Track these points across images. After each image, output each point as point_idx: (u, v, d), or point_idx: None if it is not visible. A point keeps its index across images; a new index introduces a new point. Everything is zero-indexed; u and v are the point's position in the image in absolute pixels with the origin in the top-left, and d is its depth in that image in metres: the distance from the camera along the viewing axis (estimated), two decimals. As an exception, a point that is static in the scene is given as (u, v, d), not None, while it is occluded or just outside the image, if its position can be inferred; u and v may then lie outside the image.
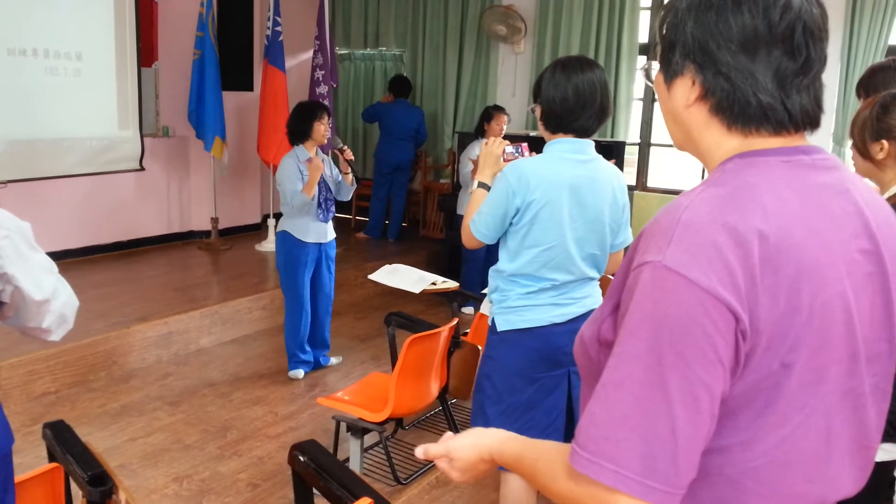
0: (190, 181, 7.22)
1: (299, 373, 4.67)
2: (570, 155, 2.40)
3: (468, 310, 5.76)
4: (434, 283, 4.18)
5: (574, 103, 2.33)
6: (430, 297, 5.32)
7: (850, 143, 2.12)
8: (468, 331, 3.91)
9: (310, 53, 7.55)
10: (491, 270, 2.54)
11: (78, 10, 5.89)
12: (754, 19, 0.96)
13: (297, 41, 7.83)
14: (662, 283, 0.90)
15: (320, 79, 7.06)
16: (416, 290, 4.12)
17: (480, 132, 5.89)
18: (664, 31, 1.05)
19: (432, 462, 1.26)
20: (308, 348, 4.68)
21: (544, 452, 1.05)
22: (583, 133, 2.40)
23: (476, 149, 5.85)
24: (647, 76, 1.13)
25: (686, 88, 1.02)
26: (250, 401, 4.35)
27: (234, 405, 4.28)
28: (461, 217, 5.93)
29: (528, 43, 7.28)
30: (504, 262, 2.48)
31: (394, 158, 7.41)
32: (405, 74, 7.99)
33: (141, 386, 4.49)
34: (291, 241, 4.43)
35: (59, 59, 5.83)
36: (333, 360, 4.87)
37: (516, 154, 2.53)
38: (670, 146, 6.71)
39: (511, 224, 2.41)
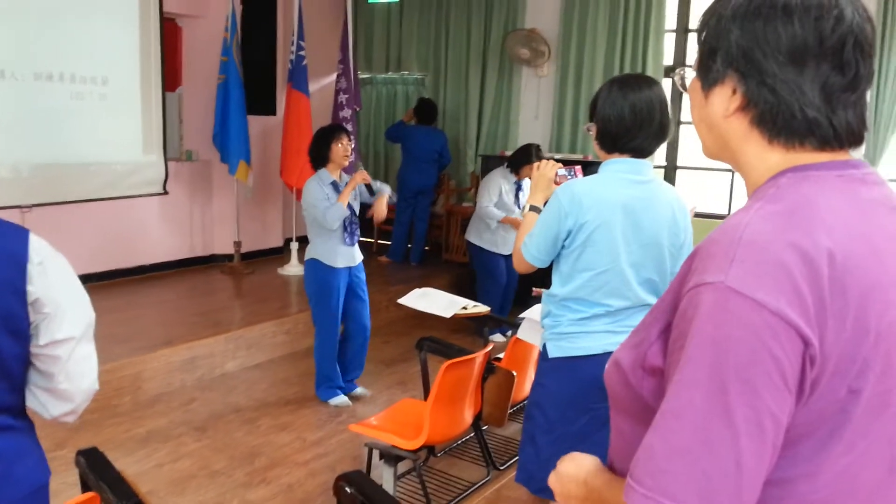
0: (213, 205, 7.21)
1: (344, 399, 4.59)
2: (626, 175, 2.32)
3: (495, 337, 5.69)
4: (465, 308, 4.12)
5: (631, 122, 2.26)
6: (454, 322, 5.25)
7: (882, 162, 2.07)
8: (501, 356, 3.84)
9: (333, 77, 7.57)
10: (544, 295, 2.47)
11: (103, 35, 5.92)
12: (805, 30, 0.91)
13: (321, 65, 7.85)
14: (725, 304, 0.84)
15: (344, 102, 7.06)
16: (447, 314, 4.06)
17: (514, 166, 5.71)
18: (704, 36, 1.00)
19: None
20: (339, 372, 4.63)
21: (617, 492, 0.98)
22: (639, 153, 2.32)
23: (497, 177, 5.79)
24: (682, 84, 1.08)
25: (726, 97, 0.97)
26: (277, 426, 4.28)
27: (261, 431, 4.22)
28: (469, 243, 5.93)
29: (552, 66, 7.27)
30: (556, 286, 2.40)
31: (417, 182, 7.37)
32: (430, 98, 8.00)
33: (166, 411, 4.43)
34: (322, 268, 4.38)
35: (85, 83, 5.84)
36: (360, 391, 4.75)
37: (569, 177, 2.47)
38: (697, 168, 6.70)
39: (563, 247, 2.34)
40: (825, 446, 0.88)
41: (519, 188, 5.77)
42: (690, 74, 1.05)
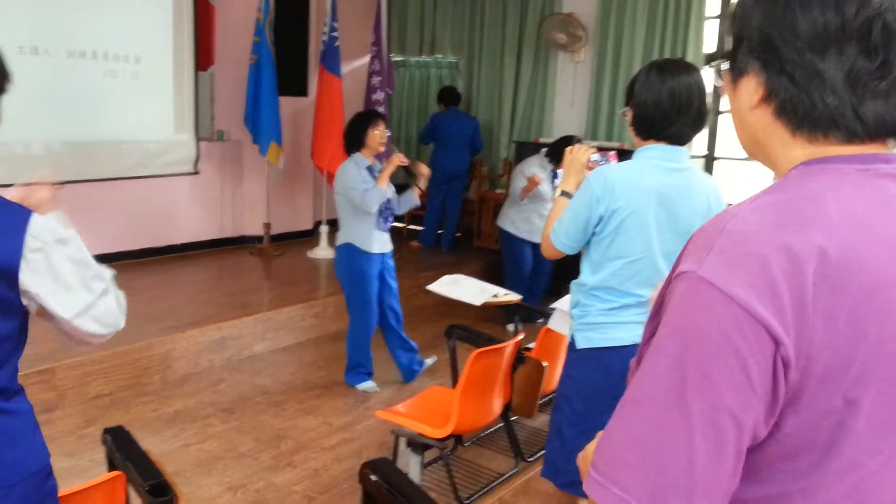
0: (243, 186, 7.20)
1: (372, 385, 4.57)
2: (661, 162, 2.25)
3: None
4: (496, 296, 4.06)
5: (668, 108, 2.18)
6: (482, 311, 5.19)
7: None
8: (532, 346, 3.77)
9: (365, 59, 7.51)
10: (573, 284, 2.41)
11: (137, 14, 5.91)
12: (825, 14, 0.84)
13: (354, 47, 7.78)
14: (696, 295, 0.80)
15: (377, 85, 6.99)
16: (478, 302, 4.00)
17: (554, 156, 5.56)
18: (733, 26, 0.95)
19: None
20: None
21: None
22: (676, 141, 2.25)
23: (533, 165, 5.69)
24: (718, 75, 1.02)
25: (750, 88, 0.92)
26: (304, 410, 4.26)
27: (287, 414, 4.19)
28: (505, 231, 5.85)
29: (589, 52, 7.14)
30: (586, 275, 2.34)
31: (449, 168, 7.29)
32: (459, 82, 7.98)
33: (194, 391, 4.42)
34: (357, 253, 4.32)
35: (118, 61, 5.84)
36: (429, 361, 4.81)
37: (601, 162, 2.39)
38: (737, 159, 6.54)
39: (594, 234, 2.28)
40: (822, 462, 0.82)
41: (555, 176, 5.67)
42: (726, 67, 1.00)
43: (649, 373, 0.83)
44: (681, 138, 2.25)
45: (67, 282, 1.44)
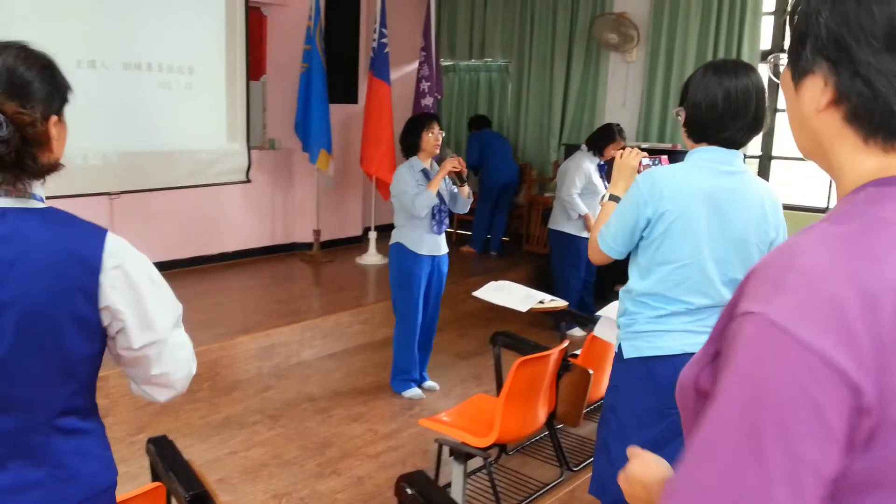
0: (294, 193, 7.27)
1: (418, 392, 4.56)
2: (713, 164, 2.16)
3: (574, 331, 5.52)
4: (541, 302, 3.99)
5: (723, 111, 2.09)
6: (531, 316, 5.13)
7: None
8: (577, 353, 3.70)
9: (414, 65, 7.51)
10: (621, 291, 2.34)
11: (190, 25, 6.01)
12: None
13: (403, 52, 7.80)
14: (766, 340, 0.74)
15: (426, 90, 6.98)
16: (523, 308, 3.94)
17: (597, 149, 5.57)
18: (794, 20, 0.88)
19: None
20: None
21: None
22: (730, 145, 2.16)
23: (583, 159, 5.60)
24: (775, 71, 0.95)
25: (817, 90, 0.84)
26: (350, 417, 4.25)
27: (333, 421, 4.19)
28: (555, 231, 5.76)
29: (641, 51, 7.00)
30: (634, 281, 2.27)
31: (503, 179, 7.34)
32: (509, 85, 7.96)
33: (242, 398, 4.46)
34: (406, 253, 4.33)
35: (172, 72, 5.94)
36: (429, 384, 4.72)
37: (653, 167, 2.32)
38: (794, 159, 6.34)
39: (642, 238, 2.21)
40: (893, 500, 0.77)
41: (603, 169, 5.60)
42: (784, 63, 0.92)
43: (721, 419, 0.77)
44: (735, 143, 2.16)
45: (146, 302, 1.42)
